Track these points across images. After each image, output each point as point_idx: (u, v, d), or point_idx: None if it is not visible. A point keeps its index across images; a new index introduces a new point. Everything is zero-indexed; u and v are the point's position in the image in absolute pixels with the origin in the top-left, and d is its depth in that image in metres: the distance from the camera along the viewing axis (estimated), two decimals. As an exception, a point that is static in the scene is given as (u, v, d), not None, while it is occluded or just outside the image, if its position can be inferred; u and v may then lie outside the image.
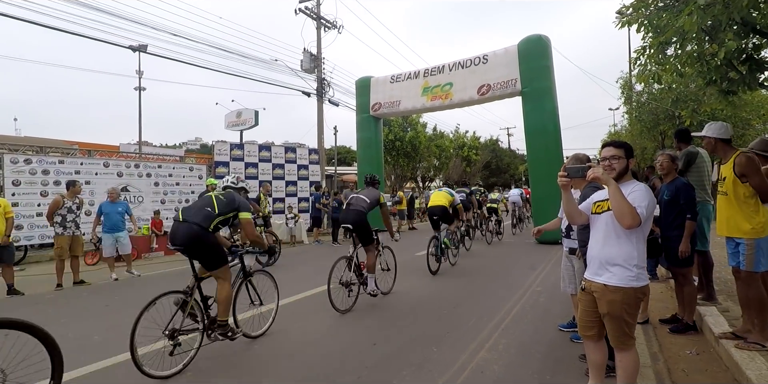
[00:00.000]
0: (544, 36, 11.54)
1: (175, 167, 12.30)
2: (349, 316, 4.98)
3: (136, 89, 25.22)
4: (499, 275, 7.38)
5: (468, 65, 12.56)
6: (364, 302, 5.57)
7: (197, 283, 3.81)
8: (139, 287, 6.99)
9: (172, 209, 11.99)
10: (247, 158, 13.42)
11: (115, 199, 7.88)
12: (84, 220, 9.24)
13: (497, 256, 9.62)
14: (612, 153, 2.53)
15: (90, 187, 10.17)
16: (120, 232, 7.76)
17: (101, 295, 6.41)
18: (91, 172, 10.34)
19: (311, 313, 5.07)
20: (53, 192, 9.34)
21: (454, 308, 5.27)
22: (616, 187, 2.34)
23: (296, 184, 14.76)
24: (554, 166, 11.32)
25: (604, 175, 2.38)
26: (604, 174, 2.38)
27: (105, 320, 5.00)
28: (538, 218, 11.46)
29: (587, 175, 2.41)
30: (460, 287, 6.46)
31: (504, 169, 44.11)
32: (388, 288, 6.17)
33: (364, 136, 14.75)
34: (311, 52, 16.27)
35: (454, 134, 31.58)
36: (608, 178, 2.37)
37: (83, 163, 10.31)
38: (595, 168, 2.44)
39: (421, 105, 13.47)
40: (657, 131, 11.37)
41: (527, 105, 11.59)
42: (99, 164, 10.60)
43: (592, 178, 2.40)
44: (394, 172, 24.38)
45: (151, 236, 10.63)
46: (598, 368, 2.69)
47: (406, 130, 23.55)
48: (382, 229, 6.12)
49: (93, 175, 10.37)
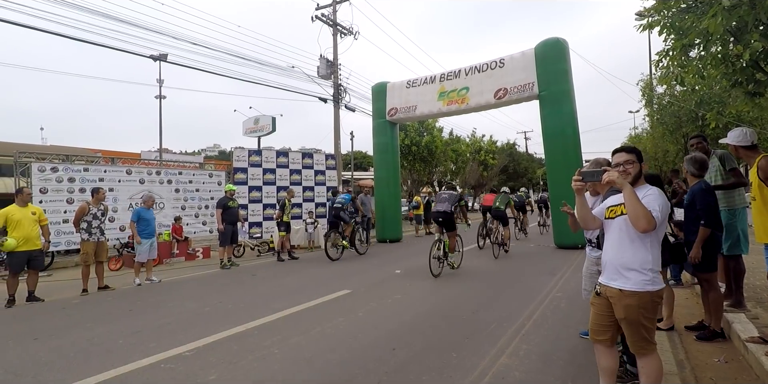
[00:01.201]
0: (561, 39, 11.45)
1: (195, 174, 12.52)
2: (368, 320, 4.99)
3: (157, 98, 25.80)
4: (518, 280, 7.31)
5: (484, 69, 12.53)
6: (383, 306, 5.58)
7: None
8: (161, 292, 7.11)
9: (192, 215, 12.21)
10: (265, 164, 13.57)
11: (150, 205, 8.11)
12: (108, 226, 9.50)
13: (516, 260, 9.52)
14: (625, 158, 2.56)
15: (113, 194, 10.41)
16: (154, 237, 8.08)
17: (125, 300, 6.54)
18: (115, 180, 10.59)
19: (329, 319, 5.09)
20: (79, 199, 9.59)
21: (473, 313, 5.23)
22: (631, 191, 2.35)
23: (313, 190, 14.86)
24: (572, 170, 11.13)
25: (619, 178, 2.39)
26: (619, 177, 2.39)
27: (129, 325, 5.10)
28: (557, 222, 11.32)
29: (602, 179, 2.42)
30: (479, 292, 6.41)
31: (522, 173, 43.73)
32: (458, 263, 8.39)
33: (381, 141, 14.81)
34: (327, 59, 16.43)
35: (471, 138, 31.43)
36: (623, 181, 2.38)
37: (107, 170, 10.55)
38: (610, 171, 2.45)
39: (437, 110, 13.47)
40: (679, 134, 11.13)
41: (545, 108, 11.50)
42: (122, 171, 10.85)
43: (607, 181, 2.41)
44: (411, 176, 24.35)
45: (172, 242, 10.82)
46: (609, 375, 2.64)
47: (422, 134, 23.54)
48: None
49: (116, 182, 10.62)
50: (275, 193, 13.80)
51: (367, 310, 5.48)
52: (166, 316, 5.48)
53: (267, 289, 7.12)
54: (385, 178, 14.64)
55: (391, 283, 7.30)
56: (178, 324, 5.07)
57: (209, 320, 5.20)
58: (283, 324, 4.95)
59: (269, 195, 13.64)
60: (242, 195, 12.99)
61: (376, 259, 10.39)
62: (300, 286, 7.23)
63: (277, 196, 13.65)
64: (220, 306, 5.91)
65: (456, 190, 8.60)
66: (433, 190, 30.08)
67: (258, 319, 5.11)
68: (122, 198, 10.67)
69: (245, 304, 6.00)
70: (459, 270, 8.31)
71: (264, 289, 7.14)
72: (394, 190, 14.82)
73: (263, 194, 13.48)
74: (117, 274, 9.10)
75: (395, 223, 14.63)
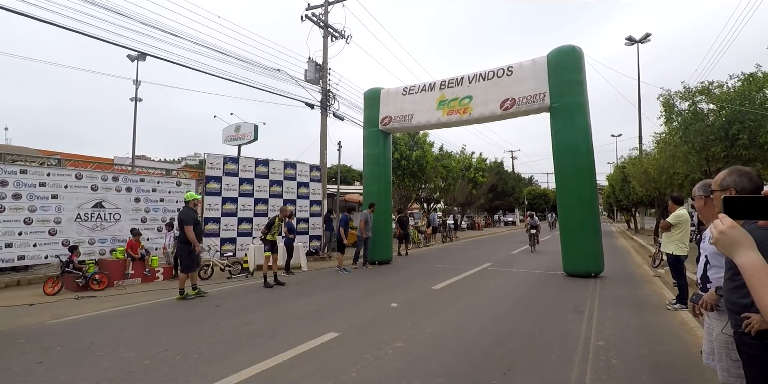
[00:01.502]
0: (577, 47, 10.43)
1: (160, 181, 10.95)
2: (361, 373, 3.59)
3: (132, 100, 24.20)
4: (542, 320, 5.97)
5: (490, 77, 11.43)
6: (381, 361, 4.17)
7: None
8: (90, 332, 5.57)
9: (155, 229, 10.64)
10: (242, 173, 12.13)
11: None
12: (47, 241, 7.95)
13: (529, 290, 8.19)
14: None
15: (56, 202, 8.80)
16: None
17: (26, 347, 5.00)
18: (60, 185, 8.95)
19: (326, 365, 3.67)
20: (11, 207, 7.98)
21: (504, 375, 3.90)
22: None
23: (296, 203, 13.44)
24: (586, 190, 10.07)
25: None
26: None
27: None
28: (568, 250, 10.11)
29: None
30: (500, 339, 5.01)
31: (509, 192, 42.97)
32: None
33: (372, 152, 13.49)
34: (316, 62, 15.20)
35: (461, 155, 30.48)
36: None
37: (50, 173, 8.90)
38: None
39: (436, 119, 12.27)
40: (705, 154, 10.10)
41: (557, 122, 10.41)
42: (70, 175, 9.21)
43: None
44: (399, 192, 23.07)
45: (126, 260, 9.22)
46: None
47: (412, 148, 22.40)
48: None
49: (62, 187, 8.99)
50: (252, 205, 12.34)
51: (361, 368, 4.08)
52: (78, 378, 3.98)
53: (231, 328, 5.62)
54: (375, 193, 13.27)
55: (387, 321, 5.92)
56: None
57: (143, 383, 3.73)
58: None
59: (245, 208, 12.17)
60: (215, 207, 11.50)
61: (366, 285, 8.98)
62: (273, 325, 5.77)
63: (275, 216, 12.21)
64: (164, 357, 4.42)
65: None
66: (421, 207, 28.84)
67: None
68: (68, 207, 9.03)
69: (199, 353, 4.53)
70: (468, 302, 7.01)
71: (228, 327, 5.65)
72: (386, 206, 13.46)
73: (239, 207, 12.01)
74: (53, 301, 7.46)
75: (386, 243, 13.23)
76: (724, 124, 9.44)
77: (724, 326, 2.40)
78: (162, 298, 7.69)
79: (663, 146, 13.66)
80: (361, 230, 11.67)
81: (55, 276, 8.28)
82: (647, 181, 18.04)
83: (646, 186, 18.91)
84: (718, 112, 9.84)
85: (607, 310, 6.56)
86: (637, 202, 27.47)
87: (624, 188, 26.68)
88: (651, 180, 17.48)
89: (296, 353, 4.50)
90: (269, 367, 4.11)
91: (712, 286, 2.62)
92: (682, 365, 4.12)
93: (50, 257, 8.80)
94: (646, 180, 18.00)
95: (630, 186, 23.55)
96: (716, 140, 9.67)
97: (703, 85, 10.71)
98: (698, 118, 10.08)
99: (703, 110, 10.35)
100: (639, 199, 25.37)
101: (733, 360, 2.42)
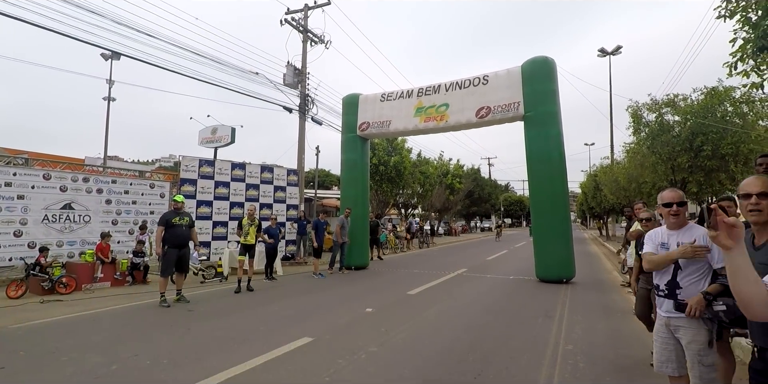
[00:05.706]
0: (550, 58, 10.74)
1: (133, 183, 10.72)
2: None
3: (105, 99, 23.63)
4: (514, 325, 6.08)
5: (466, 85, 11.64)
6: (354, 366, 4.20)
7: None
8: (58, 336, 5.42)
9: (126, 231, 10.41)
10: (218, 176, 11.99)
11: None
12: (12, 242, 7.70)
13: (502, 295, 8.34)
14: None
15: (23, 203, 8.53)
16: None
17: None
18: (27, 185, 8.67)
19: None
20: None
21: (475, 378, 3.97)
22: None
23: (272, 208, 13.34)
24: (558, 196, 10.32)
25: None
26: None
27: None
28: (540, 256, 10.33)
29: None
30: (472, 343, 5.09)
31: (486, 198, 43.56)
32: None
33: (350, 158, 13.52)
34: (295, 66, 15.18)
35: (438, 161, 30.80)
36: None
37: (17, 173, 8.63)
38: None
39: (413, 126, 12.41)
40: (669, 165, 10.50)
41: (530, 130, 10.66)
42: (38, 176, 8.94)
43: None
44: (377, 197, 23.15)
45: (95, 263, 8.98)
46: None
47: (390, 154, 22.55)
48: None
49: (28, 188, 8.71)
50: (228, 209, 12.19)
51: (334, 373, 4.10)
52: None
53: (203, 333, 5.56)
54: (353, 198, 13.29)
55: (362, 326, 5.93)
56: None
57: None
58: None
59: (221, 211, 12.03)
60: (189, 210, 11.31)
61: (342, 290, 8.97)
62: (247, 329, 5.72)
63: (236, 216, 12.06)
64: (133, 362, 4.34)
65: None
66: (399, 212, 28.96)
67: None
68: (35, 208, 8.75)
69: (170, 358, 4.46)
70: (442, 307, 7.09)
71: (199, 332, 5.58)
72: (363, 211, 13.48)
73: (213, 210, 11.86)
74: (17, 305, 7.22)
75: (362, 248, 13.24)
76: (689, 136, 9.86)
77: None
78: (132, 303, 7.52)
79: (632, 156, 14.12)
80: (337, 235, 11.64)
81: (19, 279, 8.02)
82: (617, 189, 18.56)
83: (617, 194, 19.46)
84: (683, 124, 10.28)
85: (577, 315, 6.72)
86: (609, 209, 28.18)
87: (596, 196, 27.35)
88: (621, 188, 17.99)
89: (269, 358, 4.48)
90: (241, 372, 4.08)
91: (683, 291, 2.63)
92: (645, 368, 4.26)
93: (14, 259, 8.51)
94: (616, 188, 18.52)
95: (602, 194, 24.15)
96: (682, 151, 10.08)
97: (669, 97, 11.19)
98: (664, 130, 10.49)
99: (669, 122, 10.79)
100: (610, 206, 26.03)
101: (705, 366, 2.53)
